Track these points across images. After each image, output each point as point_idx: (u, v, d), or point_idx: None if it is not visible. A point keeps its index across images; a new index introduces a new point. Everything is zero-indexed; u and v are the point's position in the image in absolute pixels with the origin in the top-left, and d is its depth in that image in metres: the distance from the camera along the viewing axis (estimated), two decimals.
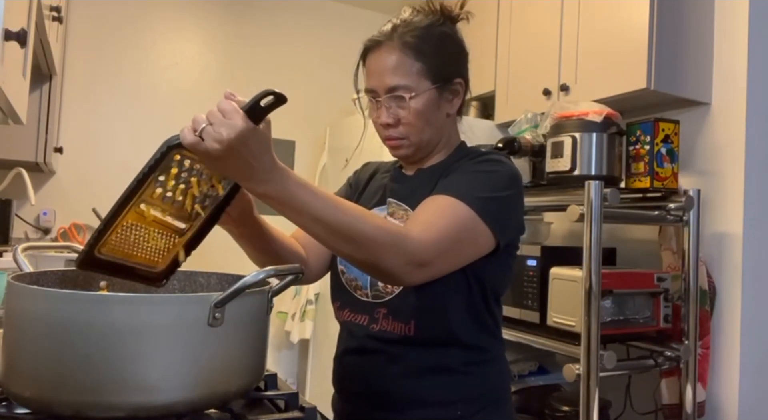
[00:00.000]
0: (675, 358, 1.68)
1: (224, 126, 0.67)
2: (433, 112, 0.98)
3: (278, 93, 0.68)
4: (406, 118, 0.96)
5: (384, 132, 1.00)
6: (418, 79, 0.95)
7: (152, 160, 0.71)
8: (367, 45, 1.00)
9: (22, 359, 0.65)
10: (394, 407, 0.96)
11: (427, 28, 0.98)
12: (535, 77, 2.22)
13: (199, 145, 0.68)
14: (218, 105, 0.69)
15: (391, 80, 0.95)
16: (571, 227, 2.29)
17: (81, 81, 2.79)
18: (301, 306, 2.94)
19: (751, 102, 1.77)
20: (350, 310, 1.03)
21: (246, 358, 0.73)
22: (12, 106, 1.23)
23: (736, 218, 1.77)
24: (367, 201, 1.09)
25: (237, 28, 3.14)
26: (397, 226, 0.83)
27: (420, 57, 0.95)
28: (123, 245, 0.76)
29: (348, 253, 0.80)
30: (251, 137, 0.68)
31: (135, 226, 0.76)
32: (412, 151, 1.00)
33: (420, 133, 0.98)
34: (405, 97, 0.95)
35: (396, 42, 0.96)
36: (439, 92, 0.98)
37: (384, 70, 0.96)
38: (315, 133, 3.24)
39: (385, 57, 0.96)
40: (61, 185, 2.76)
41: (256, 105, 0.68)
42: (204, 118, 0.69)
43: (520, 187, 0.96)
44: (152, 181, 0.73)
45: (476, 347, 0.98)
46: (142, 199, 0.74)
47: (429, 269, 0.84)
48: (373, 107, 1.00)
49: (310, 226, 0.77)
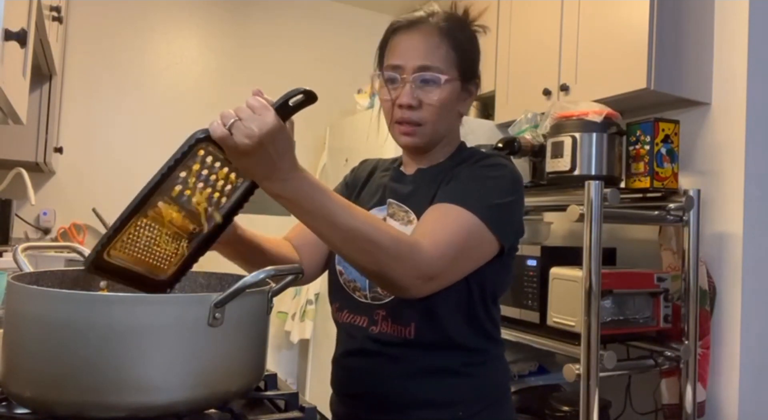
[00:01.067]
0: (675, 358, 1.68)
1: (255, 121, 0.67)
2: (453, 104, 0.98)
3: (309, 91, 0.67)
4: (429, 101, 0.94)
5: (400, 113, 0.95)
6: (450, 66, 0.95)
7: (179, 153, 0.70)
8: (399, 24, 0.97)
9: (22, 359, 0.65)
10: (395, 409, 0.96)
11: (461, 23, 0.98)
12: (535, 77, 2.22)
13: (229, 139, 0.68)
14: (247, 101, 0.68)
15: (426, 59, 0.93)
16: (571, 227, 2.29)
17: (81, 81, 2.79)
18: (301, 306, 2.94)
19: (751, 102, 1.77)
20: (349, 312, 1.02)
21: (246, 358, 0.72)
22: (12, 106, 1.23)
23: (736, 218, 1.77)
24: (366, 200, 1.08)
25: (237, 28, 3.14)
26: (409, 238, 0.82)
27: (455, 46, 0.95)
28: (134, 248, 0.75)
29: (357, 261, 0.80)
30: (279, 135, 0.68)
31: (149, 227, 0.74)
32: (426, 140, 0.98)
33: (436, 122, 0.96)
34: (437, 79, 0.93)
35: (435, 27, 0.95)
36: (462, 86, 0.98)
37: (418, 48, 0.94)
38: (315, 133, 3.24)
39: (424, 37, 0.94)
40: (61, 185, 2.76)
41: (285, 103, 0.68)
42: (233, 113, 0.68)
43: (522, 191, 0.97)
44: (174, 176, 0.71)
45: (476, 349, 0.98)
46: (161, 196, 0.72)
47: (436, 282, 0.84)
48: (390, 87, 0.96)
49: (323, 230, 0.77)
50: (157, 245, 0.77)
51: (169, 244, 0.78)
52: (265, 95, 0.70)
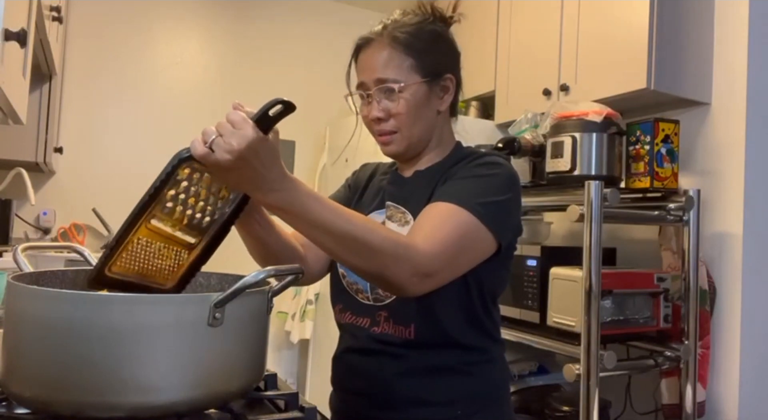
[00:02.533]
0: (675, 358, 1.68)
1: (234, 136, 0.67)
2: (423, 106, 0.98)
3: (287, 101, 0.67)
4: (395, 110, 0.97)
5: (375, 127, 1.00)
6: (408, 73, 0.96)
7: (163, 174, 0.70)
8: (358, 43, 1.01)
9: (22, 359, 0.65)
10: (394, 406, 0.96)
11: (417, 26, 0.99)
12: (535, 77, 2.22)
13: (210, 156, 0.68)
14: (227, 116, 0.68)
15: (381, 73, 0.96)
16: (571, 227, 2.29)
17: (81, 81, 2.79)
18: (301, 306, 2.94)
19: (751, 102, 1.77)
20: (352, 313, 1.03)
21: (246, 358, 0.72)
22: (12, 106, 1.23)
23: (736, 218, 1.77)
24: (366, 204, 1.08)
25: (237, 28, 3.14)
26: (404, 237, 0.82)
27: (410, 52, 0.96)
28: (133, 263, 0.76)
29: (354, 264, 0.80)
30: (261, 147, 0.68)
31: (146, 242, 0.75)
32: (404, 147, 1.00)
33: (410, 127, 0.98)
34: (394, 88, 0.95)
35: (386, 38, 0.97)
36: (429, 87, 0.98)
37: (374, 64, 0.97)
38: (315, 132, 3.24)
39: (376, 52, 0.97)
40: (61, 185, 2.76)
41: (264, 115, 0.68)
42: (213, 129, 0.68)
43: (519, 189, 0.97)
44: (163, 195, 0.72)
45: (475, 348, 0.98)
46: (152, 214, 0.73)
47: (434, 280, 0.84)
48: (364, 103, 1.01)
49: (317, 236, 0.77)
50: (157, 259, 0.77)
51: (169, 257, 0.78)
52: (246, 108, 0.69)
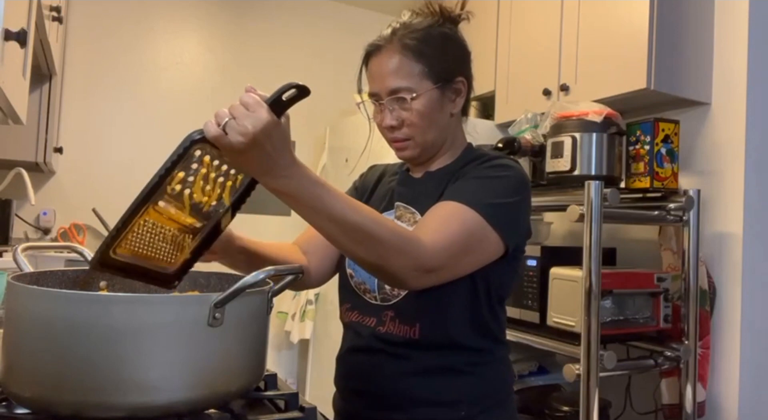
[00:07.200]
0: (675, 358, 1.68)
1: (249, 119, 0.67)
2: (436, 111, 0.98)
3: (301, 85, 0.67)
4: (409, 119, 0.96)
5: (389, 134, 1.00)
6: (419, 80, 0.95)
7: (174, 155, 0.70)
8: (368, 49, 1.00)
9: (22, 359, 0.65)
10: (398, 406, 0.96)
11: (426, 30, 0.98)
12: (535, 77, 2.22)
13: (223, 138, 0.68)
14: (241, 98, 0.68)
15: (393, 83, 0.95)
16: (571, 227, 2.29)
17: (81, 81, 2.79)
18: (301, 306, 2.94)
19: (751, 102, 1.77)
20: (359, 312, 1.03)
21: (246, 358, 0.72)
22: (12, 106, 1.23)
23: (735, 218, 1.77)
24: (376, 206, 1.08)
25: (237, 28, 3.14)
26: (409, 232, 0.83)
27: (420, 58, 0.96)
28: (138, 245, 0.76)
29: (357, 254, 0.80)
30: (274, 131, 0.68)
31: (152, 225, 0.75)
32: (418, 151, 1.00)
33: (424, 134, 0.98)
34: (407, 98, 0.95)
35: (396, 45, 0.96)
36: (441, 92, 0.98)
37: (385, 73, 0.96)
38: (315, 133, 3.24)
39: (386, 60, 0.96)
40: (61, 185, 2.76)
41: (278, 99, 0.68)
42: (227, 112, 0.68)
43: (528, 192, 0.97)
44: (173, 177, 0.72)
45: (480, 349, 0.98)
46: (160, 196, 0.73)
47: (436, 275, 0.84)
48: (377, 110, 1.00)
49: (323, 224, 0.77)
50: (161, 241, 0.77)
51: (174, 240, 0.78)
52: (259, 91, 0.69)
